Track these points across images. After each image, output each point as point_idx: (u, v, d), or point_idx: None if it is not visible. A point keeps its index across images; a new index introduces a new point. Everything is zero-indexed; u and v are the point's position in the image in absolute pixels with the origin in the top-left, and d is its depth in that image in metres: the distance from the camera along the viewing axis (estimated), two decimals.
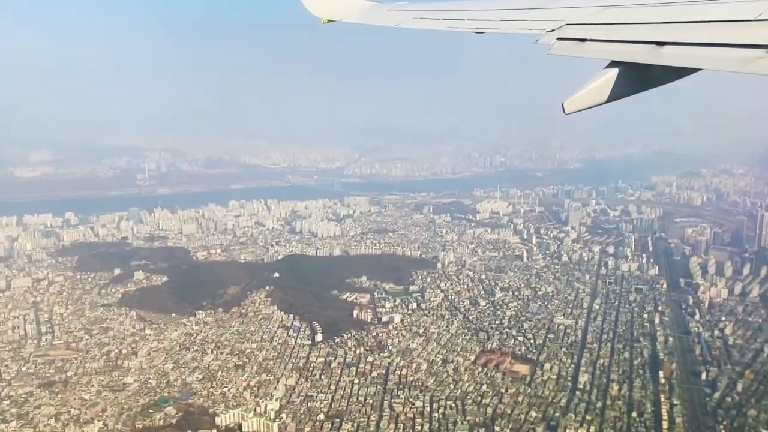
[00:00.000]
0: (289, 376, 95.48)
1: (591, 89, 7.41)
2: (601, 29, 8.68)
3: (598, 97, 7.42)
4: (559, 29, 9.20)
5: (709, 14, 7.35)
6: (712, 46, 6.65)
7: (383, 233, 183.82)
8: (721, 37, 6.66)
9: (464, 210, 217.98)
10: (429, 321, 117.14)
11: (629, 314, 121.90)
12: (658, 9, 8.68)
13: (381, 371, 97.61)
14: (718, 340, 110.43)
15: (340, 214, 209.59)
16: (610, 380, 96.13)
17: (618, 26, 8.57)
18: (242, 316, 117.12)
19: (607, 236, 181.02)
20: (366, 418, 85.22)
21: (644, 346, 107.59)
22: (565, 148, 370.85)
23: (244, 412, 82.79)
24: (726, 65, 6.21)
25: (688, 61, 6.78)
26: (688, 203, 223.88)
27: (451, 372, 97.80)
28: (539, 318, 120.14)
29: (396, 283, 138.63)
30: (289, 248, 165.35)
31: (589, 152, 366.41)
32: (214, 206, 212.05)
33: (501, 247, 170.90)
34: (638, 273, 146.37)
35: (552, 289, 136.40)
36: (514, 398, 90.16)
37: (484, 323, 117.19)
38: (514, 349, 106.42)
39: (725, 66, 6.22)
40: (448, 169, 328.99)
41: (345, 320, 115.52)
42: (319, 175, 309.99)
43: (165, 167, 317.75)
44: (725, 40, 6.56)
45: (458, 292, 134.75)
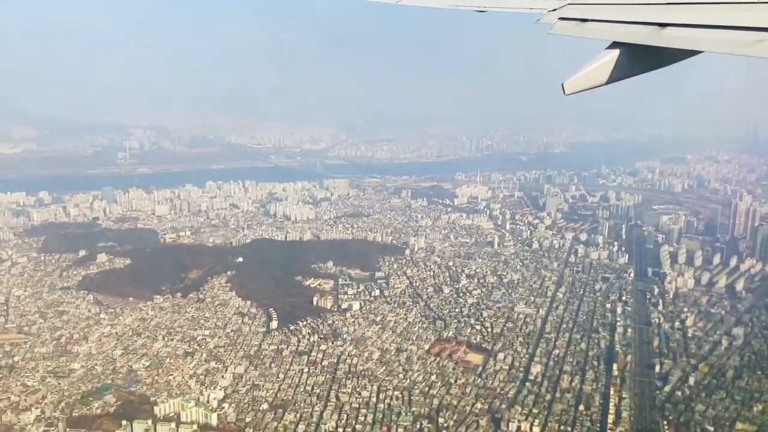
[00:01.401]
0: (238, 365, 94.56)
1: (591, 70, 7.32)
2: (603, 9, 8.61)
3: (598, 78, 7.33)
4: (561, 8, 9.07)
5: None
6: (715, 28, 6.57)
7: (358, 217, 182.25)
8: (723, 20, 6.58)
9: (443, 194, 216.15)
10: (388, 309, 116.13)
11: (592, 304, 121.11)
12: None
13: (332, 360, 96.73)
14: (677, 331, 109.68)
15: (317, 197, 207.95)
16: (563, 372, 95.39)
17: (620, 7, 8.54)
18: (199, 301, 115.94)
19: (582, 223, 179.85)
20: (310, 408, 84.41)
21: (602, 337, 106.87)
22: (554, 132, 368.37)
23: (184, 402, 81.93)
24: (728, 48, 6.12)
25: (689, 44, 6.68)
26: (669, 190, 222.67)
27: (403, 361, 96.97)
28: (500, 306, 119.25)
29: (362, 269, 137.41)
30: (259, 232, 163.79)
31: (577, 136, 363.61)
32: (191, 187, 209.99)
33: (474, 233, 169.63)
34: (607, 261, 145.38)
35: (518, 276, 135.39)
36: (463, 389, 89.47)
37: (444, 311, 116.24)
38: (470, 339, 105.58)
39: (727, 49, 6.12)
40: (433, 152, 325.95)
41: (304, 307, 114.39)
42: (302, 156, 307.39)
43: (148, 145, 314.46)
44: (727, 22, 6.47)
45: (423, 279, 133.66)
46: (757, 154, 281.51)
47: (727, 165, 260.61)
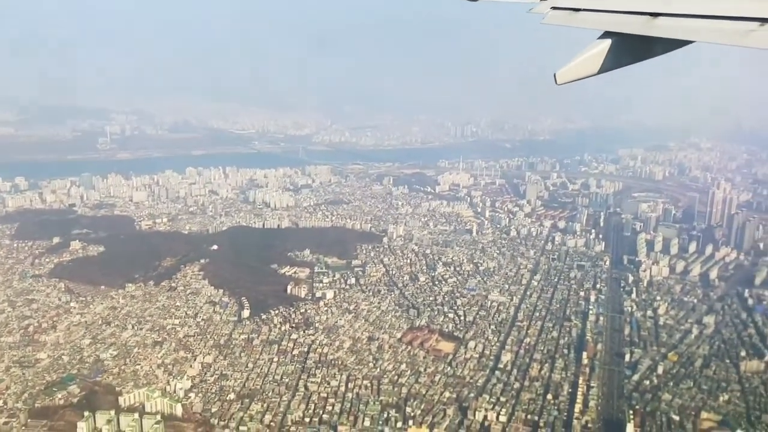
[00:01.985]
0: (207, 354, 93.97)
1: (583, 60, 7.30)
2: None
3: (590, 68, 7.31)
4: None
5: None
6: (706, 18, 6.53)
7: (338, 205, 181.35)
8: (715, 10, 6.53)
9: (425, 181, 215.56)
10: (363, 297, 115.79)
11: (566, 292, 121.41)
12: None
13: (303, 349, 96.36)
14: (649, 320, 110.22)
15: (298, 183, 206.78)
16: (533, 360, 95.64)
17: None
18: (171, 290, 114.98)
19: (561, 210, 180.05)
20: (278, 398, 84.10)
21: (574, 325, 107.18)
22: (539, 119, 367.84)
23: (149, 392, 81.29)
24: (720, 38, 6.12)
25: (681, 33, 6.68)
26: (650, 177, 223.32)
27: (374, 350, 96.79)
28: (475, 294, 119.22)
29: (339, 257, 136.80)
30: (236, 219, 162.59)
31: (563, 123, 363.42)
32: (170, 173, 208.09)
33: (453, 220, 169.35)
34: (584, 249, 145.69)
35: (494, 264, 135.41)
36: (432, 378, 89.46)
37: (419, 300, 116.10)
38: (443, 327, 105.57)
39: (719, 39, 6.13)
40: (418, 138, 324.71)
41: (277, 296, 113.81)
42: (286, 142, 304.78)
43: (129, 131, 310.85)
44: (719, 12, 6.43)
45: (400, 267, 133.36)
46: (738, 142, 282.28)
47: (709, 153, 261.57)
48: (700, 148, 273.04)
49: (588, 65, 7.32)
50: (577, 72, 7.33)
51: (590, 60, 7.32)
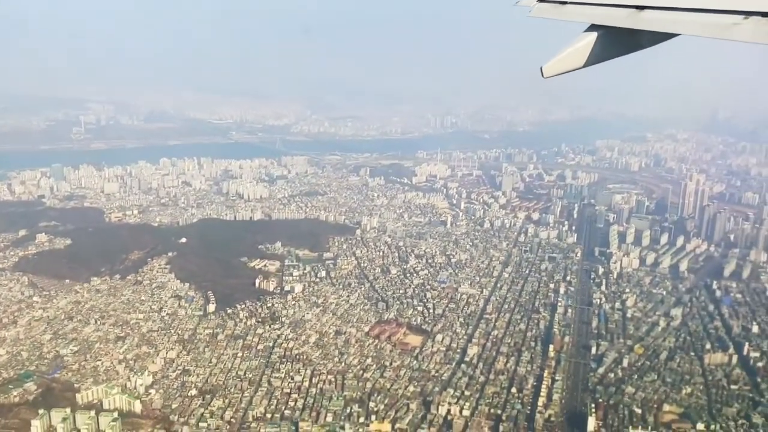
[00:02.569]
0: (170, 349, 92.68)
1: (570, 53, 7.27)
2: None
3: (576, 61, 7.28)
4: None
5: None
6: (691, 11, 6.52)
7: (313, 196, 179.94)
8: (699, 3, 6.54)
9: (402, 173, 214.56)
10: (332, 291, 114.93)
11: (536, 284, 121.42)
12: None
13: (268, 344, 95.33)
14: (617, 312, 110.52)
15: (273, 174, 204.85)
16: (500, 353, 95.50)
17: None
18: (137, 284, 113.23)
19: (536, 202, 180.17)
20: (240, 394, 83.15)
21: (542, 318, 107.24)
22: (519, 110, 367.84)
23: (108, 389, 79.90)
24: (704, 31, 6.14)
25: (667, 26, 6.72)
26: (626, 168, 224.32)
27: (341, 344, 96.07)
28: (445, 287, 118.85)
29: (311, 250, 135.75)
30: (208, 211, 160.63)
31: (542, 114, 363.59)
32: (144, 163, 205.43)
33: (428, 212, 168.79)
34: (556, 241, 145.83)
35: (467, 256, 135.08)
36: (397, 372, 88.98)
37: (388, 293, 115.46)
38: (411, 320, 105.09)
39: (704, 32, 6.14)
40: (398, 129, 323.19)
41: (245, 289, 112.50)
42: (264, 132, 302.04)
43: (105, 120, 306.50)
44: (704, 5, 6.44)
45: (372, 259, 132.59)
46: (715, 132, 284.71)
47: (685, 144, 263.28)
48: (677, 140, 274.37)
49: (574, 58, 7.31)
50: (563, 65, 7.31)
51: (576, 53, 7.30)
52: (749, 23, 5.77)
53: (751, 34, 5.63)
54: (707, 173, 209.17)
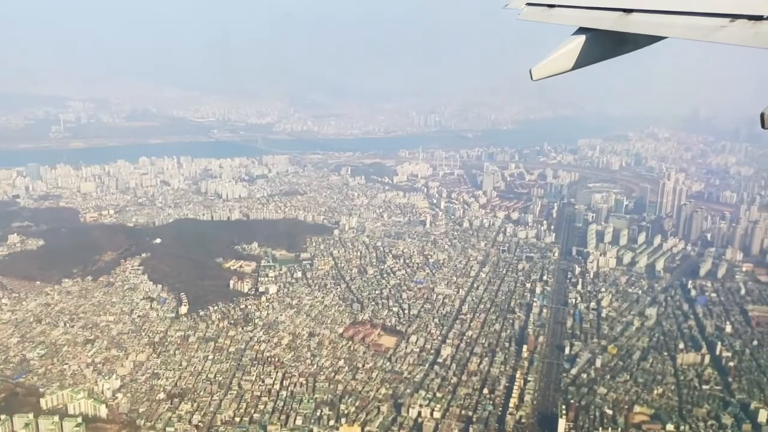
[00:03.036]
0: (140, 352, 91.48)
1: (558, 56, 7.33)
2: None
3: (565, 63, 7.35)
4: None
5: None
6: (678, 14, 6.59)
7: (292, 196, 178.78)
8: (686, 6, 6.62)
9: (384, 172, 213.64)
10: (307, 292, 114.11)
11: (513, 284, 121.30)
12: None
13: (240, 346, 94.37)
14: (592, 311, 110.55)
15: (254, 174, 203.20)
16: (473, 354, 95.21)
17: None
18: (109, 285, 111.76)
19: (516, 201, 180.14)
20: (209, 397, 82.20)
21: (517, 318, 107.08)
22: (503, 109, 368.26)
23: (73, 393, 78.62)
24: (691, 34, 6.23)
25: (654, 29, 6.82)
26: (607, 167, 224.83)
27: (313, 346, 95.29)
28: (421, 287, 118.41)
29: (288, 250, 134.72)
30: (185, 211, 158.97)
31: (526, 113, 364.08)
32: (122, 162, 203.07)
33: (408, 211, 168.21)
34: (535, 240, 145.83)
35: (444, 256, 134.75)
36: (369, 374, 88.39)
37: (364, 293, 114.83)
38: (386, 321, 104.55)
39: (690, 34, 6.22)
40: (381, 127, 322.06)
41: (218, 291, 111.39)
42: (246, 131, 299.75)
43: (85, 119, 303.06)
44: (690, 8, 6.50)
45: (349, 259, 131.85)
46: (696, 131, 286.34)
47: (666, 143, 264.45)
48: (658, 138, 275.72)
49: (563, 61, 7.36)
50: (552, 68, 7.35)
51: (565, 56, 7.35)
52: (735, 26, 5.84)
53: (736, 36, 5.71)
54: (687, 172, 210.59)
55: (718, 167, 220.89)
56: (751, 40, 5.54)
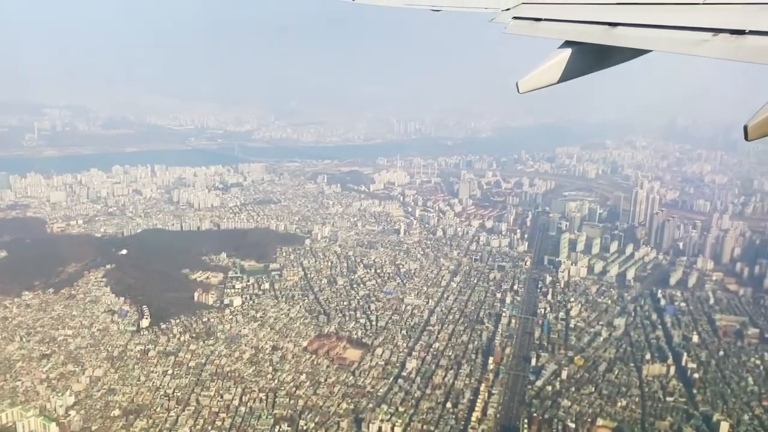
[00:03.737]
0: (97, 367, 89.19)
1: (545, 69, 7.45)
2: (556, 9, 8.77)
3: (551, 77, 7.47)
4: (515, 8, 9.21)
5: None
6: (663, 28, 6.73)
7: (266, 204, 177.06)
8: (670, 20, 6.74)
9: (361, 180, 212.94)
10: (273, 303, 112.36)
11: (483, 294, 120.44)
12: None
13: (200, 360, 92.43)
14: (561, 322, 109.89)
15: (228, 182, 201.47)
16: (439, 366, 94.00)
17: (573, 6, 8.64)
18: (70, 298, 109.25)
19: (492, 209, 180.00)
20: (165, 413, 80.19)
21: (485, 329, 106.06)
22: (484, 116, 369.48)
23: (23, 411, 76.38)
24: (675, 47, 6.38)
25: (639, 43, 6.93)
26: (583, 176, 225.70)
27: (276, 360, 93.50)
28: (390, 298, 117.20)
29: (258, 261, 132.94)
30: (154, 220, 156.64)
31: (506, 120, 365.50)
32: (95, 171, 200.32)
33: (383, 220, 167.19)
34: (507, 249, 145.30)
35: (416, 266, 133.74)
36: (331, 388, 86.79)
37: (332, 305, 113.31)
38: (352, 333, 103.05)
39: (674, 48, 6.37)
40: (361, 135, 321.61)
41: (182, 303, 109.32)
42: (224, 139, 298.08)
43: (60, 126, 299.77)
44: (674, 22, 6.63)
45: (320, 269, 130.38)
46: (673, 140, 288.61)
47: (643, 151, 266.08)
48: (636, 147, 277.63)
49: (549, 74, 7.45)
50: (539, 81, 7.44)
51: (551, 69, 7.45)
52: (717, 40, 5.95)
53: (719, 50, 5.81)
54: (662, 180, 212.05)
55: (694, 175, 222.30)
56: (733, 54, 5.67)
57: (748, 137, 4.92)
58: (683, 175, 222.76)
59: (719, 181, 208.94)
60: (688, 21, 6.52)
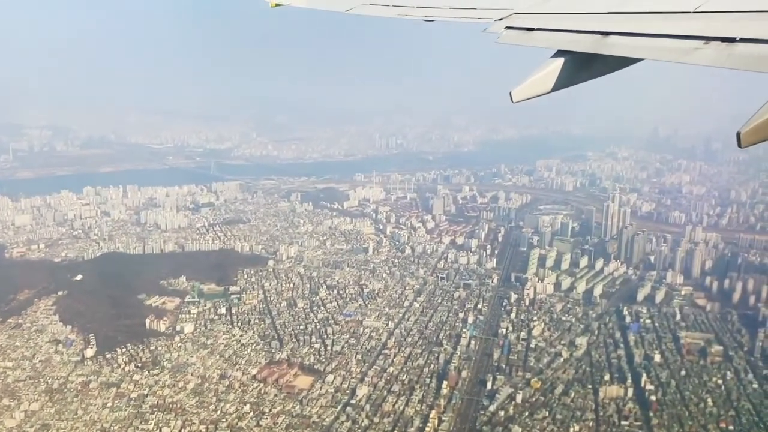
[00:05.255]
0: (34, 401, 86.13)
1: (538, 78, 7.46)
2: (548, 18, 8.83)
3: (544, 85, 7.45)
4: (508, 18, 9.26)
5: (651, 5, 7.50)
6: (654, 36, 6.82)
7: (234, 224, 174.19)
8: (662, 28, 6.82)
9: (335, 197, 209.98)
10: (226, 329, 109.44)
11: (446, 314, 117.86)
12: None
13: (142, 392, 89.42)
14: (522, 342, 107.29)
15: (200, 202, 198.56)
16: (391, 392, 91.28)
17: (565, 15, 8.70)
18: (16, 327, 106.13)
19: (464, 225, 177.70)
20: None
21: (443, 351, 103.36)
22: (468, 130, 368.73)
23: None
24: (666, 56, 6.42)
25: (630, 51, 6.96)
26: (561, 189, 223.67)
27: (221, 390, 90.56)
28: (349, 321, 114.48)
29: (218, 284, 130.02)
30: (118, 243, 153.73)
31: (490, 134, 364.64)
32: (66, 193, 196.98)
33: (353, 238, 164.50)
34: (475, 266, 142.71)
35: (381, 286, 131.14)
36: (275, 419, 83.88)
37: (288, 329, 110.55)
38: (305, 360, 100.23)
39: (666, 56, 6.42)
40: (342, 150, 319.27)
41: (132, 331, 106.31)
42: (203, 157, 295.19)
43: (38, 147, 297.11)
44: (666, 31, 6.72)
45: (280, 292, 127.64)
46: (655, 150, 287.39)
47: (624, 162, 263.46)
48: (617, 158, 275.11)
49: (542, 83, 7.43)
50: (531, 90, 7.40)
51: (544, 78, 7.44)
52: (709, 48, 6.01)
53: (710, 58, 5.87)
54: (639, 192, 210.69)
55: (672, 186, 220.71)
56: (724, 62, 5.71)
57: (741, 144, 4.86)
58: (661, 187, 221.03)
59: (697, 191, 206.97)
60: (679, 29, 6.57)
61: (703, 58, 5.89)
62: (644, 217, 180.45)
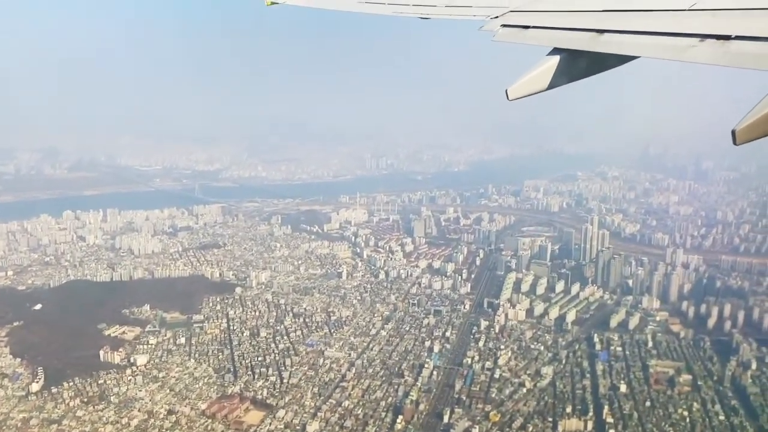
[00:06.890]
0: None
1: (533, 76, 7.41)
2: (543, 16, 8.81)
3: (540, 83, 7.44)
4: (503, 16, 9.28)
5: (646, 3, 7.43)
6: (649, 34, 6.78)
7: (208, 249, 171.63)
8: (657, 26, 6.80)
9: (317, 219, 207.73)
10: (181, 361, 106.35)
11: (413, 342, 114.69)
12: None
13: (85, 429, 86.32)
14: (486, 372, 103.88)
15: (178, 226, 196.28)
16: (343, 428, 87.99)
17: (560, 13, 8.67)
18: None
19: (444, 248, 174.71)
20: None
21: (404, 382, 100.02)
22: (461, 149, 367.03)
23: None
24: (662, 53, 6.37)
25: (626, 49, 6.97)
26: (546, 209, 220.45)
27: (167, 427, 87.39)
28: (311, 351, 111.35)
29: (182, 312, 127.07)
30: (86, 270, 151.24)
31: (482, 154, 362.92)
32: (45, 217, 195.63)
33: (328, 263, 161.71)
34: (449, 292, 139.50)
35: (349, 313, 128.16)
36: None
37: (246, 360, 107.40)
38: (258, 393, 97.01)
39: (661, 54, 6.38)
40: (331, 171, 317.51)
41: (85, 363, 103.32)
42: (190, 179, 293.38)
43: (26, 170, 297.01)
44: (661, 28, 6.69)
45: (245, 320, 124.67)
46: (645, 169, 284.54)
47: (613, 182, 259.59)
48: (606, 177, 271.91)
49: (538, 81, 7.39)
50: (527, 88, 7.38)
51: (540, 76, 7.39)
52: (704, 46, 5.98)
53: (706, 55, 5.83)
54: (625, 213, 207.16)
55: (659, 206, 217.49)
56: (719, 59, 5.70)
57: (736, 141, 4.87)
58: (648, 207, 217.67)
59: (684, 212, 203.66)
60: (675, 27, 6.56)
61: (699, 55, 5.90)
62: (627, 239, 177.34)
